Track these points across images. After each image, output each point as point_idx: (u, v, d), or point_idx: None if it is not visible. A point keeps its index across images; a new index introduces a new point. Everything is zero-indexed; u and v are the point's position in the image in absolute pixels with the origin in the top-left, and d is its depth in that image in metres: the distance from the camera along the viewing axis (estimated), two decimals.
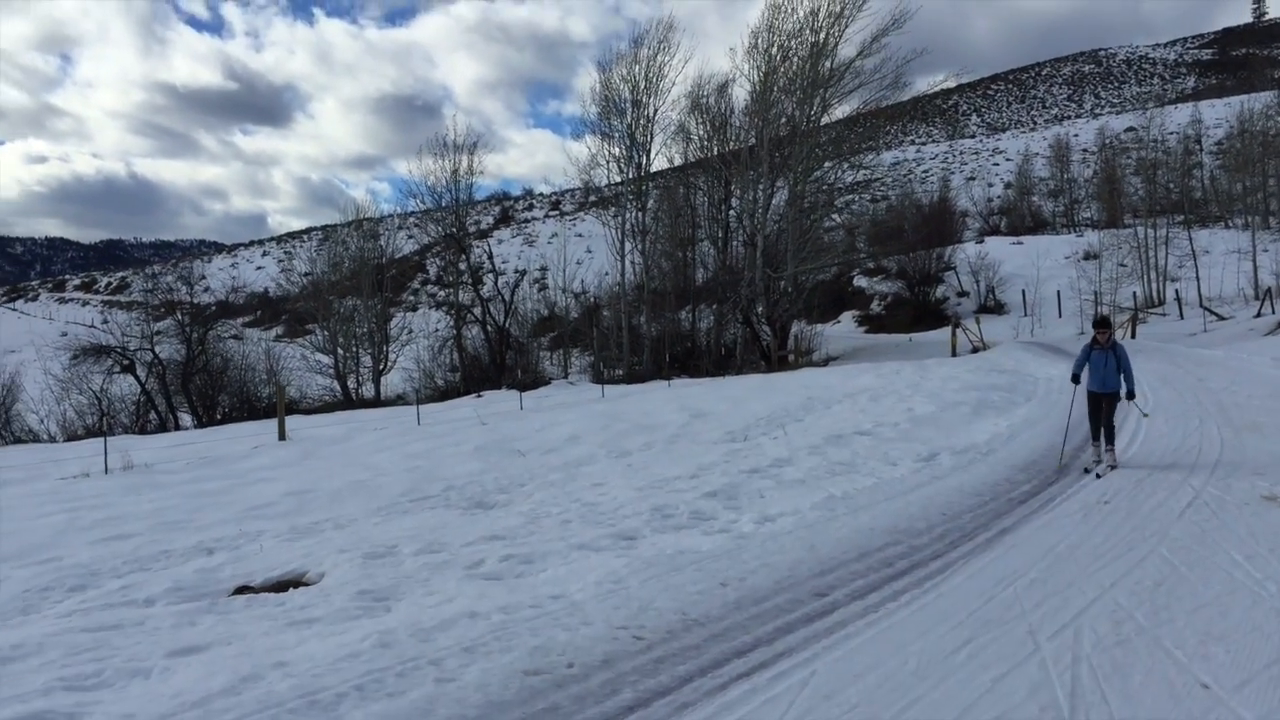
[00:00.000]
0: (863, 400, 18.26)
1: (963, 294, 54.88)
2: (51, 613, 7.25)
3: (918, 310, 53.56)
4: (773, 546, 8.11)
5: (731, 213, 42.40)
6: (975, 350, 36.23)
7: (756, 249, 37.81)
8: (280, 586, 7.83)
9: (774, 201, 38.73)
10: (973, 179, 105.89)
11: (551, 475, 12.55)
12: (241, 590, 7.72)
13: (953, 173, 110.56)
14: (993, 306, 52.40)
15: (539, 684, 5.28)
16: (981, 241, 64.15)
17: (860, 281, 59.96)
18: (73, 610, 7.24)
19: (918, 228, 57.69)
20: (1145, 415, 14.07)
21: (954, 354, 35.73)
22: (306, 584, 7.87)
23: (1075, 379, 12.57)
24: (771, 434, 14.91)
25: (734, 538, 8.55)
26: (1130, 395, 12.04)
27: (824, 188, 39.25)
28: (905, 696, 4.96)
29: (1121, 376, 12.03)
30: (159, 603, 7.28)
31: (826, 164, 38.93)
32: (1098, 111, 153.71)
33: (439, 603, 6.81)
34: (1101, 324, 12.29)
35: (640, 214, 42.31)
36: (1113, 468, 11.51)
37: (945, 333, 42.54)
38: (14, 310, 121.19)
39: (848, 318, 57.27)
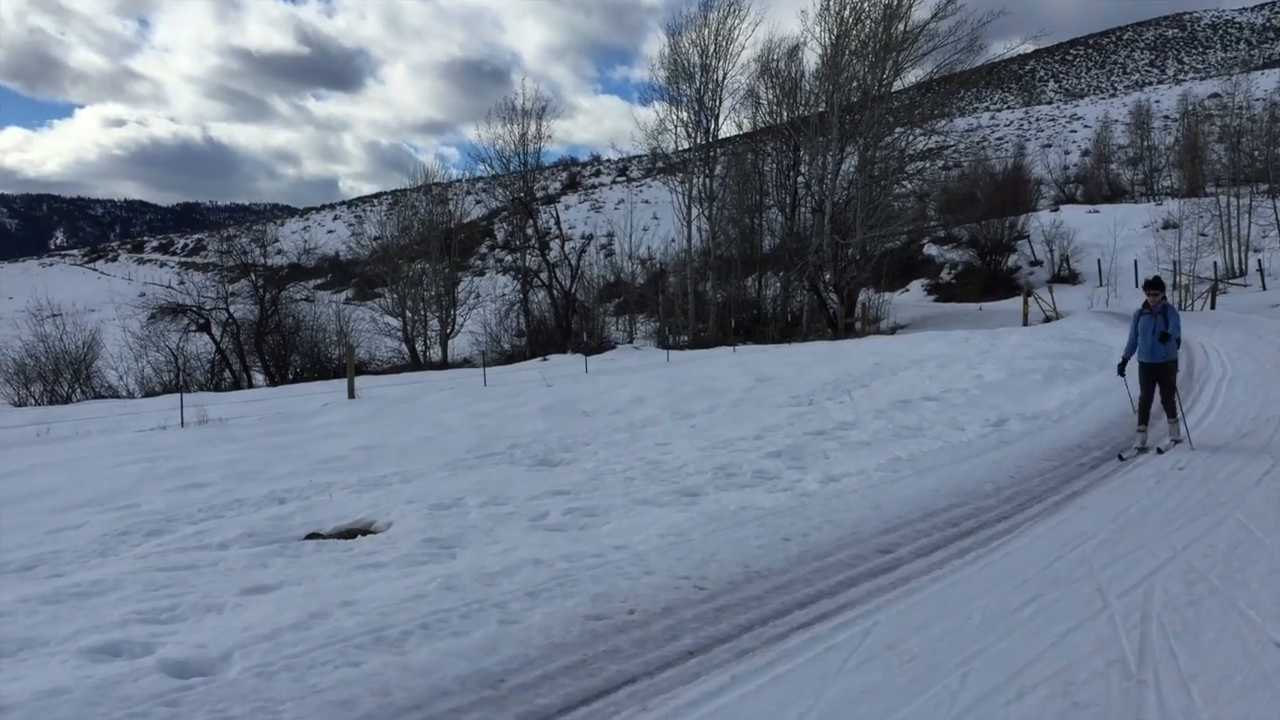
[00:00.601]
0: (930, 367, 18.06)
1: (1035, 263, 53.87)
2: (129, 554, 7.45)
3: (989, 279, 52.71)
4: (837, 505, 8.07)
5: (800, 179, 41.99)
6: (1047, 319, 35.63)
7: (825, 216, 37.44)
8: (349, 534, 7.97)
9: (843, 168, 38.28)
10: (1049, 146, 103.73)
11: (615, 435, 12.60)
12: (311, 537, 7.87)
13: (1028, 140, 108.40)
14: (1066, 276, 51.40)
15: (600, 628, 5.32)
16: (1056, 210, 62.89)
17: (930, 250, 59.13)
18: (149, 553, 7.43)
19: (990, 195, 56.60)
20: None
21: (1025, 323, 35.16)
22: (374, 532, 8.00)
23: (1122, 368, 11.30)
24: (837, 399, 14.81)
25: (797, 495, 8.52)
26: (1162, 336, 10.87)
27: (894, 154, 38.68)
28: (968, 648, 4.92)
29: (1170, 343, 10.86)
30: (232, 546, 7.44)
31: (898, 130, 38.36)
32: (1181, 77, 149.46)
33: (503, 551, 6.88)
34: (1153, 285, 11.10)
35: (708, 180, 42.09)
36: (1176, 442, 10.72)
37: (1017, 302, 41.87)
38: (94, 270, 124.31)
39: (916, 286, 56.55)
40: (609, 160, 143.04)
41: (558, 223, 50.32)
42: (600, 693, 4.57)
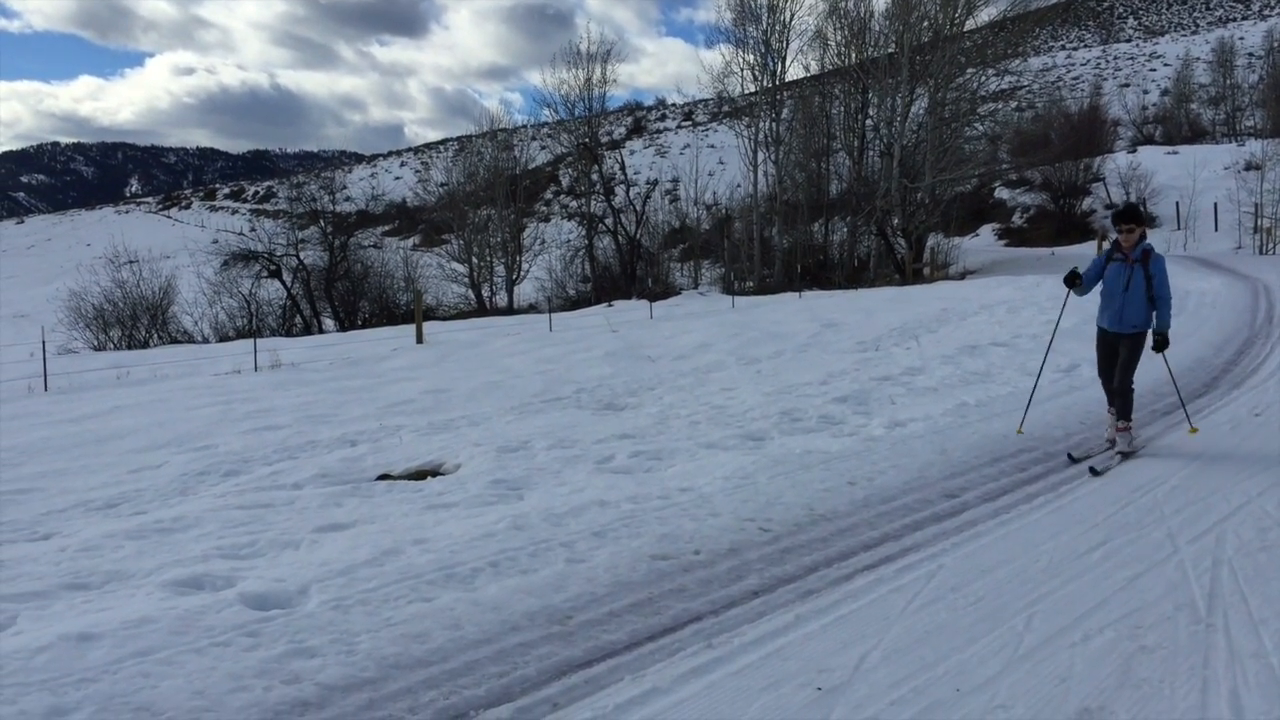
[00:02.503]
0: (1000, 312, 17.80)
1: (1111, 206, 52.55)
2: (208, 493, 7.67)
3: (1062, 223, 51.59)
4: (903, 449, 8.04)
5: (868, 122, 41.26)
6: None
7: (893, 159, 36.85)
8: (419, 475, 8.12)
9: (913, 110, 37.56)
10: (1126, 86, 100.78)
11: (680, 380, 12.63)
12: (382, 477, 8.03)
13: (1105, 79, 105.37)
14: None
15: (666, 567, 5.39)
16: (1133, 151, 61.18)
17: (1001, 193, 57.97)
18: (227, 492, 7.64)
19: (1065, 137, 55.25)
20: (1257, 416, 9.16)
21: None
22: (443, 473, 8.14)
23: (1072, 281, 8.35)
24: (904, 344, 14.68)
25: (863, 440, 8.50)
26: (1160, 340, 7.90)
27: (966, 95, 37.79)
28: (1035, 591, 4.91)
29: (1151, 309, 8.03)
30: (306, 486, 7.62)
31: (969, 71, 37.45)
32: (1266, 13, 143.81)
33: (570, 492, 6.98)
34: (1125, 216, 8.11)
35: (774, 124, 41.56)
36: (1124, 456, 7.98)
37: (1091, 246, 41.00)
38: (169, 218, 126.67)
39: (987, 231, 55.54)
40: (674, 105, 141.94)
41: (623, 168, 50.09)
42: (666, 630, 4.64)
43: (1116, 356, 8.28)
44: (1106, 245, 9.03)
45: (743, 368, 13.55)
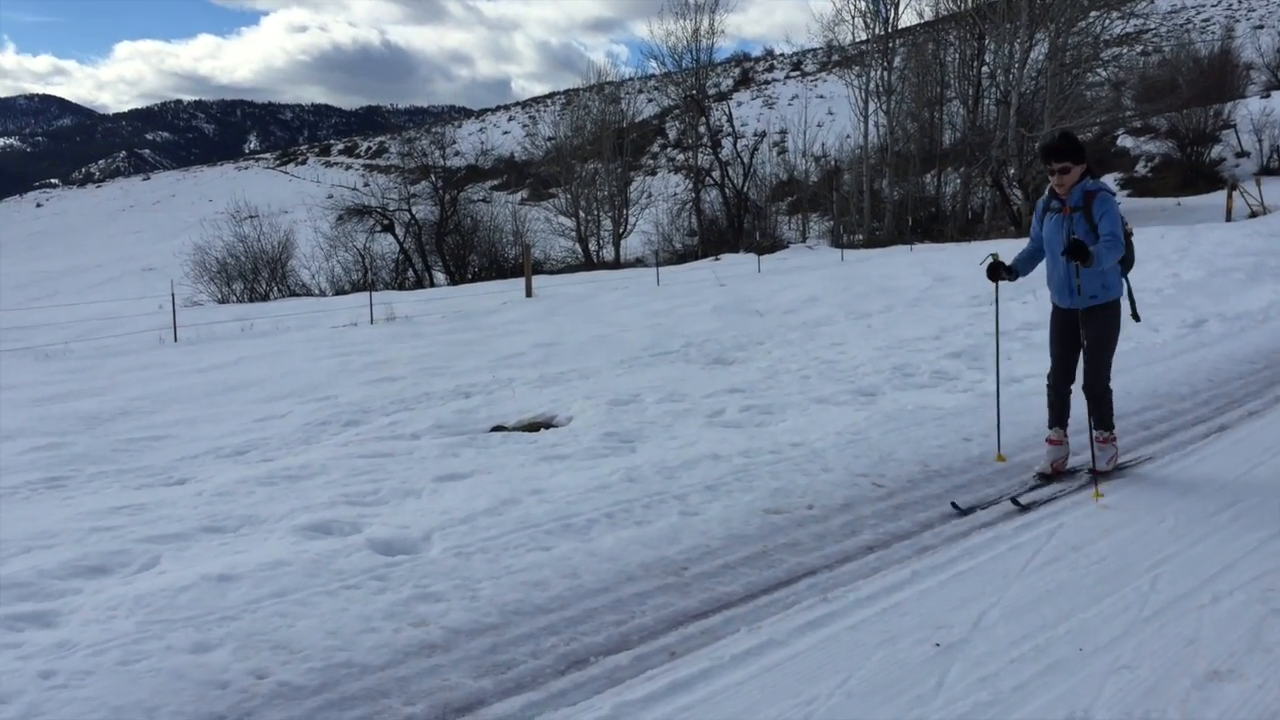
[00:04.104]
0: None
1: (1242, 154, 50.24)
2: (330, 442, 7.93)
3: (1188, 172, 49.47)
4: (1020, 406, 7.88)
5: (984, 69, 40.07)
6: (1253, 215, 33.37)
7: (1010, 108, 35.77)
8: (532, 427, 8.26)
9: (1031, 56, 36.33)
10: (1260, 27, 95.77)
11: (790, 334, 12.56)
12: (497, 429, 8.20)
13: (1238, 20, 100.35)
14: (1277, 168, 47.85)
15: (779, 521, 5.41)
16: (1268, 96, 58.18)
17: (1125, 141, 55.83)
18: (349, 440, 7.89)
19: (1193, 82, 52.80)
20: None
21: (1229, 218, 33.04)
22: (556, 426, 8.27)
23: (996, 273, 6.52)
24: (1021, 298, 14.34)
25: (978, 396, 8.37)
26: (1075, 248, 5.73)
27: (1088, 40, 36.39)
28: (1159, 552, 4.80)
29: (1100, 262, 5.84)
30: (424, 437, 7.83)
31: (1093, 14, 36.02)
32: None
33: (681, 445, 7.03)
34: (1055, 150, 6.04)
35: (885, 73, 40.70)
36: (1095, 474, 6.04)
37: (1219, 196, 39.26)
38: (285, 173, 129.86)
39: (1108, 180, 53.52)
40: (782, 55, 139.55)
41: (730, 120, 49.60)
42: (780, 583, 4.67)
43: (1075, 342, 6.29)
44: (1238, 194, 8.04)
45: (853, 322, 13.41)
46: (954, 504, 5.69)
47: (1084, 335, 6.22)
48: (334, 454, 7.28)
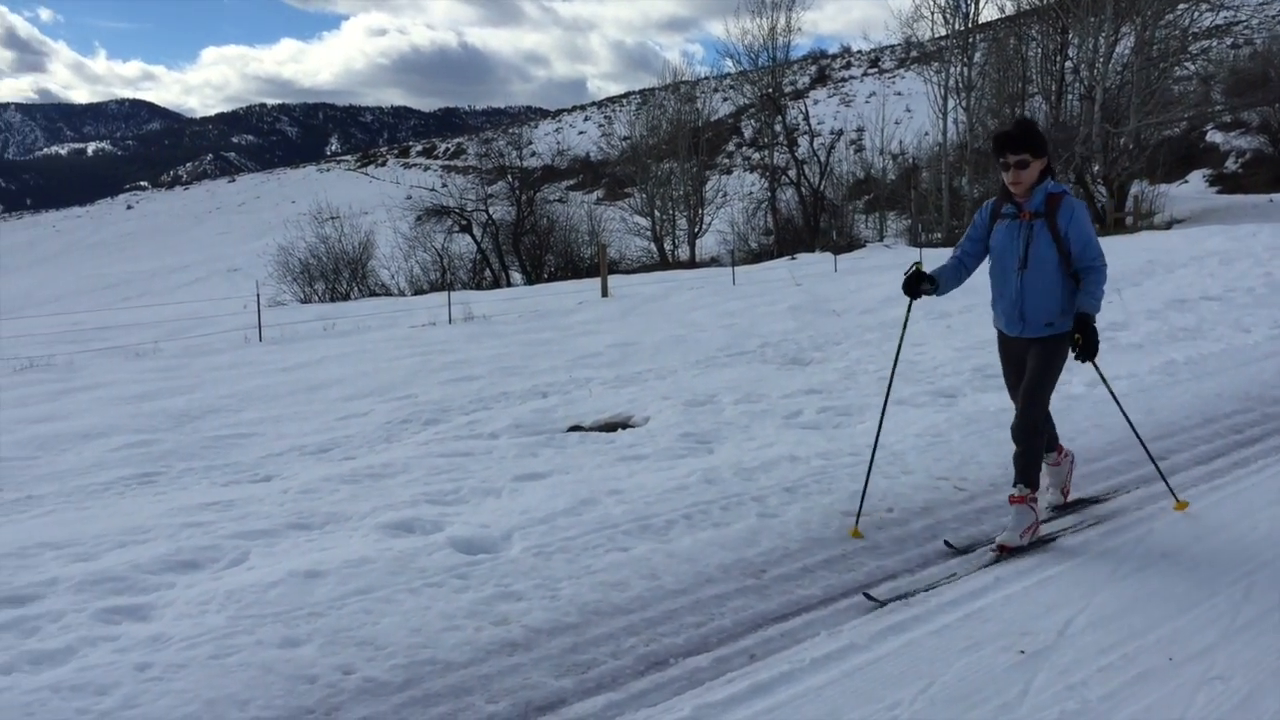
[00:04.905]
0: (1211, 264, 16.79)
1: None
2: (411, 441, 8.05)
3: None
4: (1105, 409, 7.70)
5: (1067, 64, 39.24)
6: None
7: (1094, 103, 35.00)
8: (609, 427, 8.30)
9: (1117, 50, 35.51)
10: None
11: (867, 335, 12.45)
12: (574, 429, 8.24)
13: None
14: None
15: (860, 524, 5.37)
16: None
17: (1214, 137, 54.31)
18: (429, 439, 8.00)
19: None
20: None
21: None
22: (632, 426, 8.29)
23: (916, 284, 5.32)
24: (1106, 298, 14.03)
25: (1062, 399, 8.15)
26: (1085, 334, 5.00)
27: (1176, 33, 35.48)
28: (1253, 559, 4.67)
29: (1070, 287, 5.12)
30: (502, 436, 7.90)
31: (1180, 6, 35.09)
32: None
33: (759, 447, 7.01)
34: (1009, 139, 5.04)
35: (965, 69, 40.12)
36: (1003, 551, 4.96)
37: None
38: (366, 175, 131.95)
39: (1196, 177, 52.17)
40: (859, 52, 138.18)
41: (806, 118, 49.28)
42: (861, 586, 4.63)
43: (1019, 368, 5.39)
44: None
45: (932, 322, 13.23)
46: (947, 542, 5.10)
47: (1030, 363, 5.22)
48: (414, 453, 7.38)
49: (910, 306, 5.65)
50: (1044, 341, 5.17)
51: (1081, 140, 35.15)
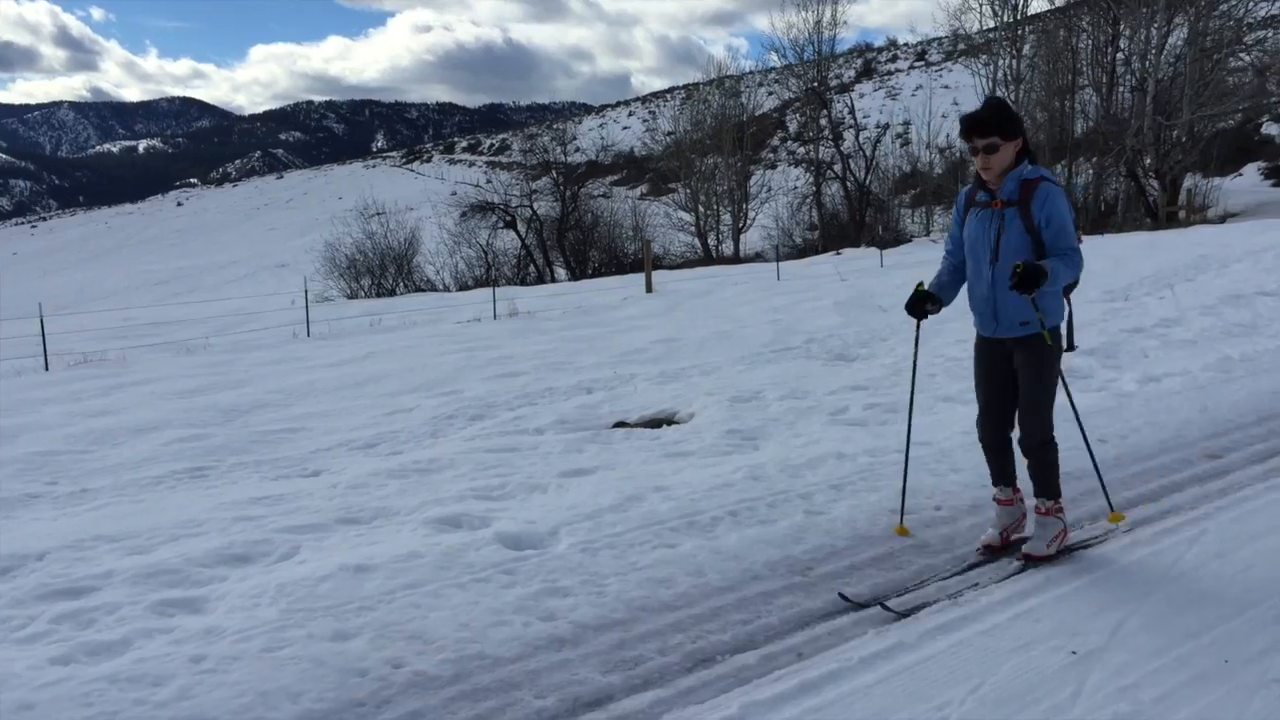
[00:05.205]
0: (1268, 259, 16.47)
1: None
2: (457, 436, 8.11)
3: None
4: (1158, 406, 7.62)
5: (1119, 55, 38.68)
6: None
7: (1146, 95, 34.49)
8: (654, 423, 8.30)
9: (1169, 41, 34.96)
10: None
11: (914, 331, 12.31)
12: (619, 425, 8.25)
13: None
14: None
15: (907, 522, 5.33)
16: None
17: (1270, 129, 53.24)
18: (475, 435, 8.05)
19: None
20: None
21: None
22: (677, 422, 8.29)
23: (921, 305, 5.13)
24: (1157, 293, 13.82)
25: (1113, 396, 8.10)
26: (1026, 274, 4.40)
27: (1231, 23, 34.86)
28: None
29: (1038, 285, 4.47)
30: (547, 432, 7.93)
31: None
32: None
33: (805, 444, 6.98)
34: (977, 122, 4.68)
35: (1014, 61, 39.64)
36: (1028, 559, 4.79)
37: None
38: (411, 171, 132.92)
39: (1252, 170, 51.18)
40: (906, 45, 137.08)
41: (851, 112, 48.95)
42: (908, 586, 4.60)
43: (1009, 382, 4.95)
44: None
45: None
46: (841, 594, 4.47)
47: (1017, 369, 4.86)
48: (461, 448, 7.43)
49: (919, 327, 5.42)
50: (1025, 344, 4.78)
51: (1133, 133, 34.65)
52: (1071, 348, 5.18)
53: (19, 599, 4.50)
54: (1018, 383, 4.88)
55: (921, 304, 5.09)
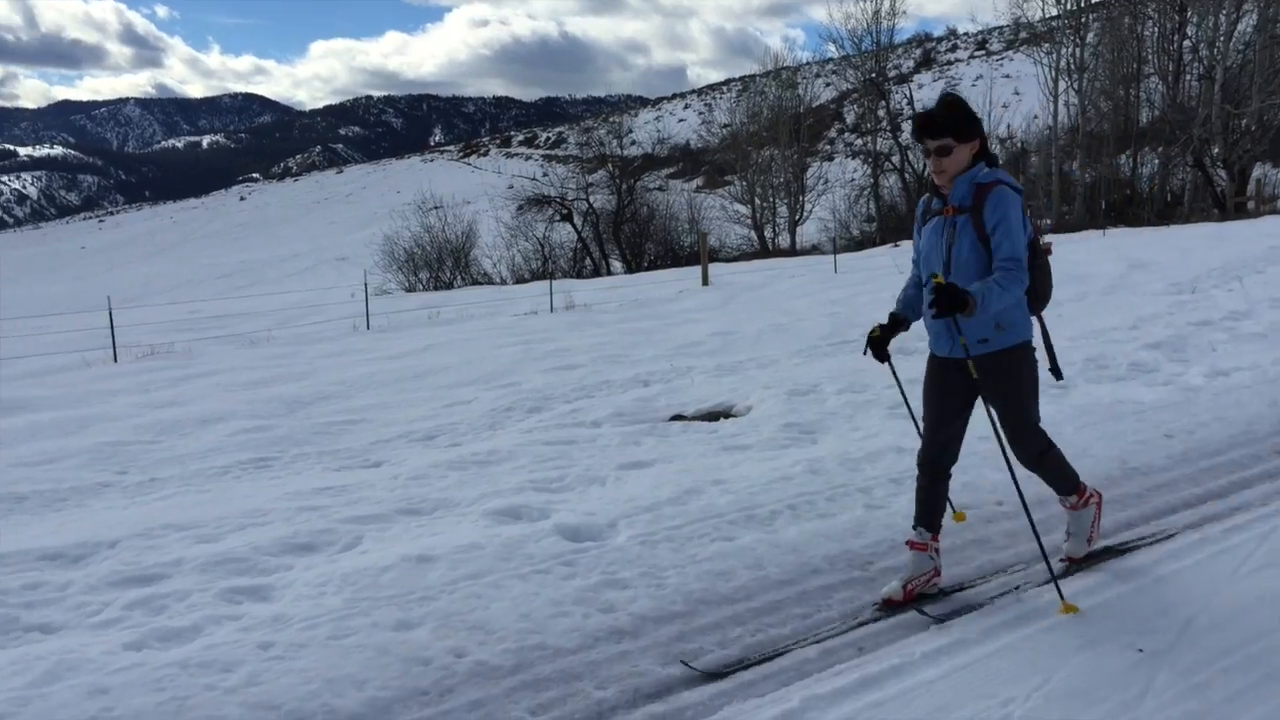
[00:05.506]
0: None
1: None
2: (514, 428, 8.17)
3: None
4: (1227, 401, 7.46)
5: (1185, 43, 37.89)
6: None
7: (1214, 83, 33.77)
8: (711, 416, 8.30)
9: (1239, 28, 34.18)
10: None
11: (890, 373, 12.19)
12: (676, 418, 8.26)
13: None
14: None
15: (968, 517, 5.28)
16: None
17: None
18: (532, 427, 8.11)
19: None
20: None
21: None
22: (735, 415, 8.28)
23: (881, 343, 4.79)
24: (1225, 286, 13.54)
25: (1180, 390, 7.95)
26: (946, 295, 3.95)
27: None
28: None
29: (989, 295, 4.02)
30: (605, 424, 7.96)
31: None
32: None
33: (864, 437, 6.94)
34: (929, 123, 4.24)
35: (1077, 49, 39.01)
36: (1071, 563, 4.67)
37: None
38: (468, 165, 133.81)
39: None
40: (966, 34, 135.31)
41: (910, 103, 48.44)
42: (970, 581, 4.56)
43: (957, 406, 4.48)
44: None
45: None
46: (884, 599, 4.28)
47: (984, 398, 4.37)
48: (519, 440, 7.48)
49: (892, 369, 5.00)
50: (988, 362, 4.24)
51: (1200, 122, 33.94)
52: (1057, 374, 4.69)
53: (93, 585, 4.61)
54: (992, 401, 4.37)
55: (882, 346, 4.73)
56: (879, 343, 4.71)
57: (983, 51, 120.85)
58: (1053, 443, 4.63)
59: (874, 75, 44.72)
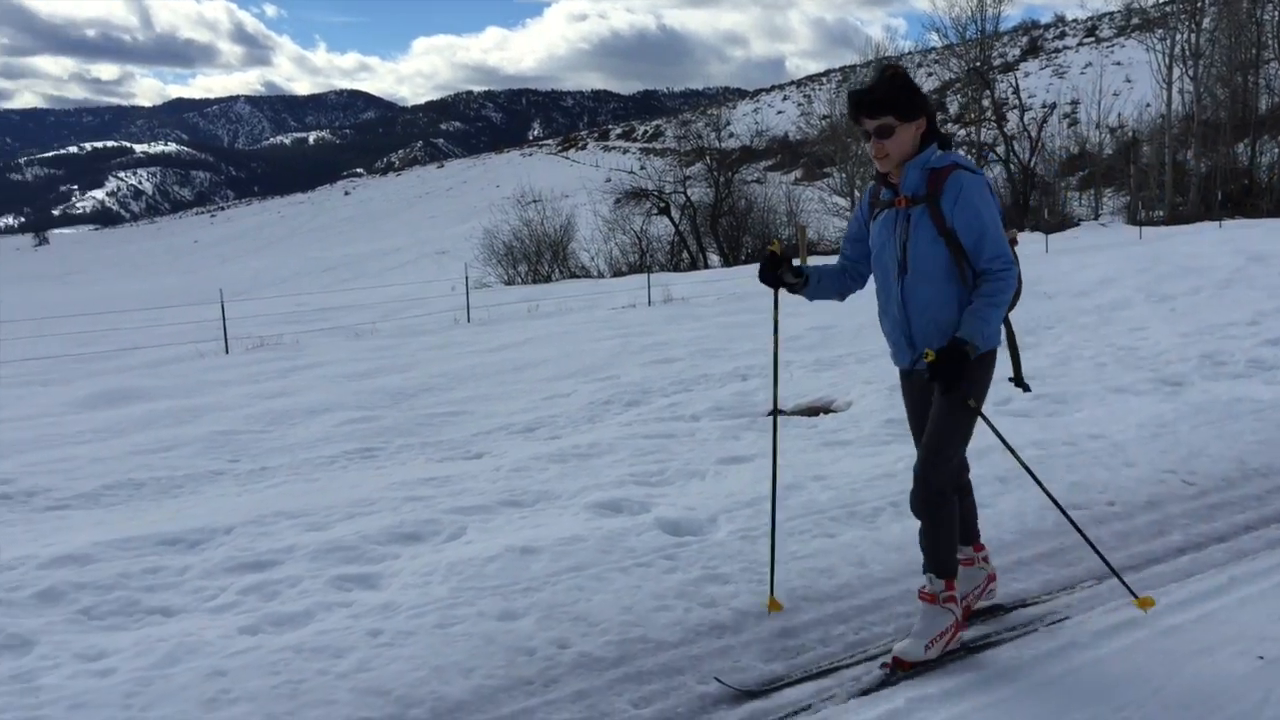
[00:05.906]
0: None
1: None
2: (613, 421, 8.21)
3: None
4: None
5: None
6: None
7: None
8: (810, 411, 8.24)
9: None
10: None
11: (1082, 318, 11.91)
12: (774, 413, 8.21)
13: None
14: None
15: (1078, 518, 5.12)
16: None
17: None
18: (631, 420, 8.14)
19: None
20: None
21: None
22: (834, 411, 8.20)
23: (775, 270, 4.14)
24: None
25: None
26: (949, 359, 3.54)
27: None
28: None
29: (961, 293, 3.71)
30: (703, 419, 7.96)
31: None
32: None
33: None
34: (865, 100, 3.68)
35: (1193, 35, 37.71)
36: (896, 666, 3.70)
37: None
38: (566, 159, 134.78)
39: None
40: (1075, 20, 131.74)
41: (1016, 92, 47.39)
42: (1080, 582, 4.46)
43: (920, 411, 4.07)
44: None
45: (1153, 305, 12.55)
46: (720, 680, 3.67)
47: (932, 405, 3.86)
48: (618, 433, 7.51)
49: (776, 298, 4.40)
50: (951, 372, 3.58)
51: None
52: (1023, 386, 4.32)
53: (209, 570, 4.76)
54: (936, 415, 3.86)
55: (773, 268, 4.09)
56: (774, 261, 4.09)
57: (1092, 38, 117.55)
58: (957, 501, 4.01)
59: (978, 64, 43.83)
